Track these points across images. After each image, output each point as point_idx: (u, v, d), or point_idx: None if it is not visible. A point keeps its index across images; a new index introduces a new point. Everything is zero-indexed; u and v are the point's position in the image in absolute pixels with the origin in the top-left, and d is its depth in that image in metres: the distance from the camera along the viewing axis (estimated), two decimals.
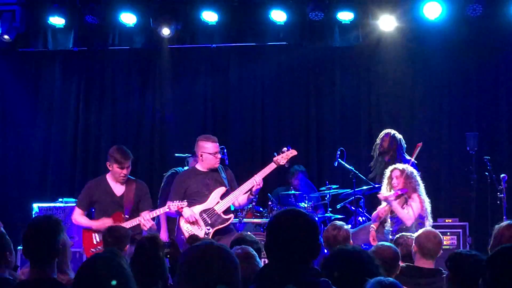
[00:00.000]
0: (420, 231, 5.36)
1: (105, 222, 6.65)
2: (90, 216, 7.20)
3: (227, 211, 7.01)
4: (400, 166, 7.22)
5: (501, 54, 9.64)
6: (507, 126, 9.62)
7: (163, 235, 7.34)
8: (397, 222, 7.03)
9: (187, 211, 6.93)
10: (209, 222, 6.88)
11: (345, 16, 9.10)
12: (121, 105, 10.41)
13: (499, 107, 9.69)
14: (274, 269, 3.03)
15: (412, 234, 5.65)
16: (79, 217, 6.93)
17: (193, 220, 6.89)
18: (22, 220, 8.99)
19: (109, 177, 6.95)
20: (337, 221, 5.79)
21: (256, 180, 6.90)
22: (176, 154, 8.78)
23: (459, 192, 9.40)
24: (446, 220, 8.59)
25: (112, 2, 9.35)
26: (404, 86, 9.95)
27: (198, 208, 6.97)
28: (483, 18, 8.85)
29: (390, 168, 7.24)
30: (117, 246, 5.22)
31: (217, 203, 6.97)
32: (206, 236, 6.64)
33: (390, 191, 7.09)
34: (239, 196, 7.02)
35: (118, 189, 6.90)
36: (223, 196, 7.00)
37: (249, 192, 7.01)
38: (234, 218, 7.31)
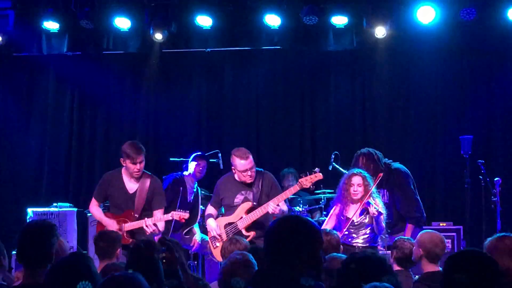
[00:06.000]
0: (423, 234, 5.30)
1: (111, 224, 6.72)
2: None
3: (249, 228, 6.85)
4: (359, 173, 6.75)
5: (495, 58, 9.67)
6: (501, 130, 9.63)
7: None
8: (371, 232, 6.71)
9: (212, 223, 6.97)
10: (230, 236, 6.69)
11: (339, 20, 9.10)
12: (115, 110, 10.40)
13: (493, 110, 9.71)
14: (270, 272, 3.04)
15: (411, 238, 5.64)
16: (93, 208, 7.03)
17: (217, 234, 6.90)
18: (16, 224, 8.95)
19: (124, 172, 6.93)
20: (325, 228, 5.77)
21: (270, 207, 6.66)
22: (170, 159, 8.77)
23: (453, 195, 9.43)
24: (441, 224, 8.58)
25: (107, 7, 9.33)
26: (398, 90, 9.97)
27: (223, 221, 6.97)
28: (477, 22, 8.87)
29: (349, 173, 6.80)
30: (108, 250, 5.28)
31: (241, 218, 6.87)
32: None
33: (346, 196, 6.69)
34: (260, 216, 6.80)
35: (132, 185, 6.89)
36: (248, 212, 6.87)
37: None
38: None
